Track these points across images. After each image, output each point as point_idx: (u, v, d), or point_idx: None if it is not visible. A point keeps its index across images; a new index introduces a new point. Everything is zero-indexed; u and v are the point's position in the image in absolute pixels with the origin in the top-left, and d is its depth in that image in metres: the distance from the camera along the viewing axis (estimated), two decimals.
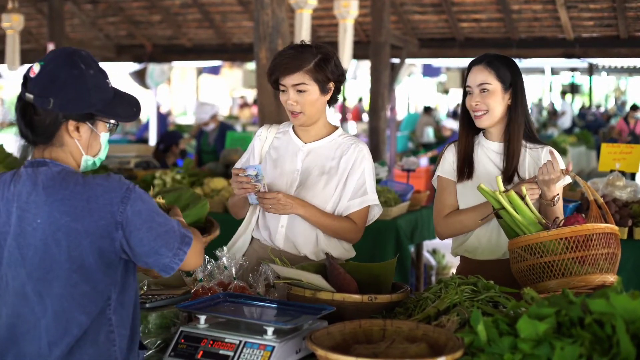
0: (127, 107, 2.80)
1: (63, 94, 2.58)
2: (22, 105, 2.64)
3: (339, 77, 3.87)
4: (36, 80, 2.61)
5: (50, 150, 2.65)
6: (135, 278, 2.74)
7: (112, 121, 2.77)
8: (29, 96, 2.59)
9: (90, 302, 2.56)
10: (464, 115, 4.04)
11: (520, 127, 3.92)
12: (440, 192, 4.09)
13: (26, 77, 2.65)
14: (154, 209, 2.60)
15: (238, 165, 4.00)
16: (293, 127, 4.02)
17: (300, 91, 3.76)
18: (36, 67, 2.63)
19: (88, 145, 2.71)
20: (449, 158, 4.08)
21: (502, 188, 3.53)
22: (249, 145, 4.13)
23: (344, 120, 25.17)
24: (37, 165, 2.62)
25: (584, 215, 3.65)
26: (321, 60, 3.78)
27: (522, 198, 3.50)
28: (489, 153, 3.99)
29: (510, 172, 3.91)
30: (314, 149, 3.95)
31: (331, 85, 3.84)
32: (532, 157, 3.97)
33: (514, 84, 3.90)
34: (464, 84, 4.03)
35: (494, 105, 3.87)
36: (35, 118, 2.61)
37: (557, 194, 3.77)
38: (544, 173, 3.66)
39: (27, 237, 2.55)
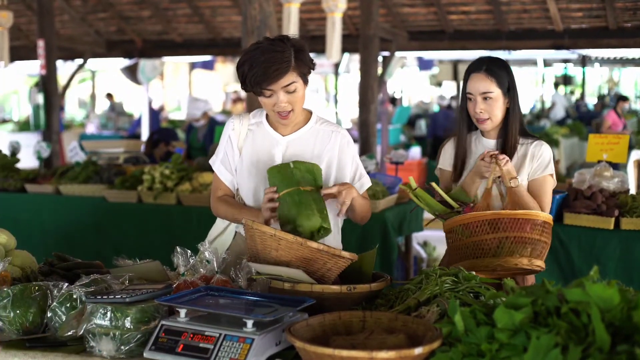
0: None
1: None
2: None
3: (313, 64, 3.77)
4: None
5: None
6: None
7: None
8: None
9: None
10: (463, 116, 4.17)
11: (516, 127, 4.08)
12: (442, 183, 4.29)
13: None
14: None
15: (216, 161, 3.96)
16: (267, 118, 3.92)
17: (289, 91, 3.64)
18: None
19: None
20: (449, 151, 4.28)
21: (414, 185, 3.92)
22: (221, 141, 3.98)
23: None
24: None
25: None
26: (298, 53, 3.64)
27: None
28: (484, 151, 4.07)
29: None
30: (293, 141, 3.86)
31: (309, 74, 3.76)
32: (519, 152, 4.10)
33: (511, 87, 4.04)
34: (463, 89, 4.13)
35: (496, 111, 4.03)
36: None
37: (514, 177, 3.87)
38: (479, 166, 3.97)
39: None
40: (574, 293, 2.30)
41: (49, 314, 3.12)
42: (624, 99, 18.15)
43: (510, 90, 4.03)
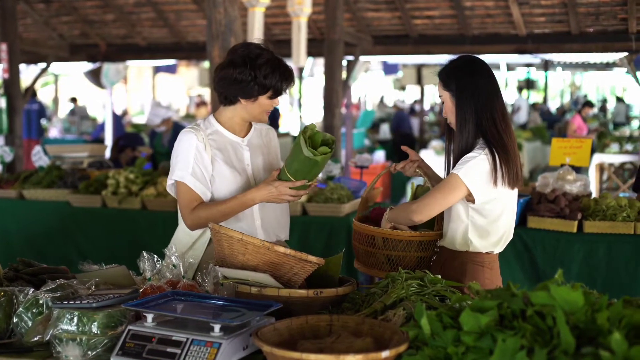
0: None
1: None
2: None
3: None
4: None
5: None
6: None
7: None
8: None
9: None
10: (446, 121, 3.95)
11: (467, 132, 3.74)
12: None
13: None
14: None
15: (185, 175, 3.86)
16: (220, 124, 4.00)
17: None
18: None
19: None
20: None
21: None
22: (186, 154, 3.88)
23: None
24: None
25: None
26: None
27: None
28: None
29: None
30: (250, 141, 4.07)
31: None
32: None
33: (458, 89, 3.76)
34: None
35: (449, 114, 3.82)
36: None
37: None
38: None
39: None
40: (539, 296, 2.33)
41: (14, 320, 3.10)
42: (590, 104, 18.14)
43: (456, 92, 3.75)
